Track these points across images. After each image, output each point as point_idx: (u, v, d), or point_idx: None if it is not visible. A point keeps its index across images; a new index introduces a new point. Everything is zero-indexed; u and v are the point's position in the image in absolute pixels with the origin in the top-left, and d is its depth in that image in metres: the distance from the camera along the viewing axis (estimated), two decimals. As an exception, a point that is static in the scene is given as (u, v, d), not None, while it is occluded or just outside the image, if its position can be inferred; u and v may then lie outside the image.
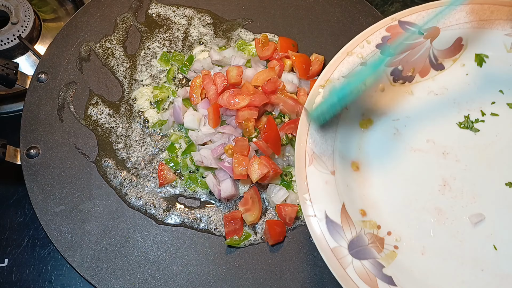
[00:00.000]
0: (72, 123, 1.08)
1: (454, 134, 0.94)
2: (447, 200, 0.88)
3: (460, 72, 0.99)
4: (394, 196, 0.89)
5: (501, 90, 0.96)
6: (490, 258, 0.83)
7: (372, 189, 0.89)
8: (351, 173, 0.89)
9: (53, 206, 0.98)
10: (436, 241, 0.85)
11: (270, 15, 1.25)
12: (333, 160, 0.88)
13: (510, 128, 0.93)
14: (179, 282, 0.93)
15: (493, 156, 0.91)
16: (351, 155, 0.91)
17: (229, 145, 1.01)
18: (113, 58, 1.17)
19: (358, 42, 0.97)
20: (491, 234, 0.85)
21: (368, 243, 0.82)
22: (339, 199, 0.84)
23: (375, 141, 0.93)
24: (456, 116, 0.95)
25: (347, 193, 0.86)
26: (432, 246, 0.84)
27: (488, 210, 0.86)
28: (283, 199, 1.00)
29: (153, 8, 1.25)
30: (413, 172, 0.91)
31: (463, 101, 0.96)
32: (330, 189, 0.85)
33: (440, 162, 0.91)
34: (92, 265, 0.93)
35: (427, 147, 0.92)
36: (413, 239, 0.85)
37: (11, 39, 1.30)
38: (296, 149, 0.86)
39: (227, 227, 0.97)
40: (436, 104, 0.97)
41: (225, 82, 1.07)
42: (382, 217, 0.86)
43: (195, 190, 1.02)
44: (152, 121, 1.10)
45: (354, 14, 1.26)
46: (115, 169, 1.04)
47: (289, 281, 0.94)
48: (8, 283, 1.10)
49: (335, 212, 0.83)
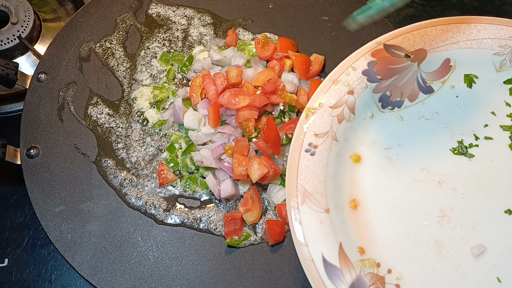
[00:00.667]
0: (72, 123, 1.08)
1: (449, 161, 0.91)
2: (447, 232, 0.85)
3: (450, 94, 0.96)
4: (392, 231, 0.85)
5: (493, 111, 0.94)
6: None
7: (369, 224, 0.86)
8: (346, 210, 0.86)
9: (53, 206, 0.98)
10: (438, 276, 0.81)
11: (270, 15, 1.25)
12: (326, 197, 0.84)
13: (505, 152, 0.91)
14: (179, 282, 0.93)
15: (490, 182, 0.88)
16: (344, 191, 0.88)
17: (229, 145, 1.01)
18: (113, 58, 1.17)
19: (344, 69, 0.94)
20: (493, 266, 0.81)
21: (369, 284, 0.78)
22: (336, 238, 0.81)
23: (368, 174, 0.90)
24: (449, 142, 0.93)
25: (343, 231, 0.83)
26: (435, 281, 0.81)
27: (489, 240, 0.83)
28: (283, 199, 1.00)
29: (153, 8, 1.25)
30: (409, 204, 0.87)
31: (455, 125, 0.94)
32: (325, 228, 0.81)
33: (437, 191, 0.88)
34: (92, 265, 0.93)
35: (422, 176, 0.90)
36: (414, 275, 0.81)
37: (11, 39, 1.30)
38: (287, 187, 0.83)
39: (227, 227, 0.97)
40: (427, 129, 0.94)
41: (225, 82, 1.07)
42: (381, 253, 0.83)
43: (195, 190, 1.02)
44: (152, 121, 1.10)
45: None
46: (115, 169, 1.04)
47: (289, 281, 0.94)
48: (8, 283, 1.10)
49: (333, 254, 0.79)
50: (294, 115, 1.07)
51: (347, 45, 1.21)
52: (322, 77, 1.17)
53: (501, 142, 0.92)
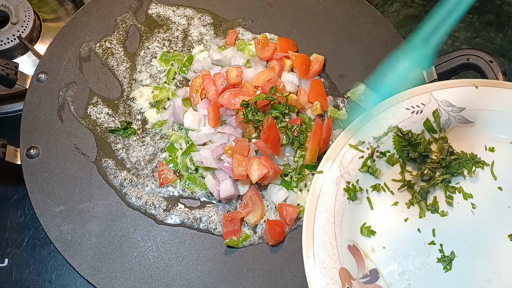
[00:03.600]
0: (72, 123, 1.08)
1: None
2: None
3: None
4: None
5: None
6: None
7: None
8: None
9: (53, 206, 0.98)
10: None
11: (270, 15, 1.25)
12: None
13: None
14: (179, 282, 0.93)
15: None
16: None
17: (229, 146, 1.01)
18: (113, 58, 1.17)
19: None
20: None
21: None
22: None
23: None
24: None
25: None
26: None
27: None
28: (283, 199, 1.00)
29: (153, 8, 1.25)
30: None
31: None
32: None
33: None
34: (92, 265, 0.93)
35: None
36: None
37: (11, 39, 1.31)
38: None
39: (226, 228, 0.97)
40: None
41: (225, 83, 1.07)
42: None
43: (194, 190, 1.02)
44: (152, 121, 1.10)
45: (354, 14, 1.26)
46: (115, 169, 1.04)
47: (289, 281, 0.94)
48: (8, 283, 1.10)
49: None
50: (294, 115, 1.07)
51: (347, 45, 1.21)
52: (322, 77, 1.17)
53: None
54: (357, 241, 0.93)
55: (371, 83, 1.02)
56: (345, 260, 0.89)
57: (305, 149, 1.03)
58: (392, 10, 1.61)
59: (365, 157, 0.98)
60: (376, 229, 0.95)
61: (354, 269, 0.90)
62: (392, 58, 0.93)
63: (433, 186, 0.98)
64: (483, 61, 1.10)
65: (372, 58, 1.19)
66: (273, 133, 1.00)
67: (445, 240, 0.93)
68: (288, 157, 1.05)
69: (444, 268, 0.91)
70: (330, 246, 0.89)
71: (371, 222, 0.95)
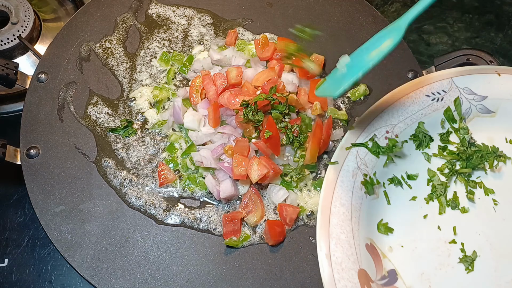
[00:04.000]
0: (72, 123, 1.08)
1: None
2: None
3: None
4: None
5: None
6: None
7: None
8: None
9: (53, 206, 0.98)
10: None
11: (270, 15, 1.25)
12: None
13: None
14: (179, 282, 0.93)
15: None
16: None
17: (229, 146, 1.01)
18: (113, 58, 1.17)
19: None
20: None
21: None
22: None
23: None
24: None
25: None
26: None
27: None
28: (283, 199, 1.00)
29: (153, 8, 1.25)
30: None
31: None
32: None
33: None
34: (92, 265, 0.93)
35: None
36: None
37: (11, 39, 1.31)
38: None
39: (226, 227, 0.97)
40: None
41: (225, 83, 1.07)
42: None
43: (194, 190, 1.02)
44: (152, 121, 1.10)
45: (354, 14, 1.26)
46: (115, 169, 1.04)
47: (289, 281, 0.94)
48: (8, 283, 1.10)
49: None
50: (294, 115, 1.07)
51: (347, 45, 1.21)
52: (322, 77, 1.17)
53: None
54: (374, 239, 0.88)
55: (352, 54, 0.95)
56: (363, 260, 0.83)
57: (305, 149, 1.03)
58: (392, 10, 1.61)
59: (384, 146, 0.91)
60: (394, 226, 0.89)
61: (372, 270, 0.84)
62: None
63: (452, 179, 0.93)
64: (483, 61, 1.10)
65: (372, 58, 1.19)
66: (273, 133, 1.00)
67: (467, 239, 0.88)
68: (288, 157, 1.05)
69: (466, 269, 0.86)
70: (347, 245, 0.83)
71: (388, 218, 0.89)
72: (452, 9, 1.61)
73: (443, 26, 1.58)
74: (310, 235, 0.99)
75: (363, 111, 1.07)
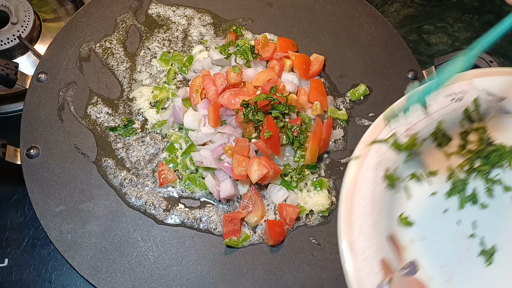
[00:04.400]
0: (72, 123, 1.08)
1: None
2: None
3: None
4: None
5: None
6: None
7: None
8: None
9: (53, 206, 0.98)
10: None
11: (270, 15, 1.25)
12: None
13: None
14: (179, 282, 0.93)
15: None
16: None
17: (229, 146, 1.01)
18: (113, 58, 1.17)
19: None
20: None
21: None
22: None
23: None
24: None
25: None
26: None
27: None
28: (283, 199, 1.00)
29: (153, 8, 1.25)
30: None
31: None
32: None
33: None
34: (92, 265, 0.93)
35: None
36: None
37: (11, 39, 1.30)
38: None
39: (226, 227, 0.97)
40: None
41: (225, 83, 1.07)
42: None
43: (194, 190, 1.02)
44: (152, 121, 1.10)
45: (354, 14, 1.26)
46: (115, 169, 1.04)
47: (289, 281, 0.94)
48: (8, 283, 1.10)
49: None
50: (294, 115, 1.07)
51: (347, 45, 1.21)
52: (322, 77, 1.17)
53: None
54: (394, 231, 0.90)
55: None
56: (385, 251, 0.86)
57: (305, 149, 1.03)
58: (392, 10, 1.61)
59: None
60: (414, 220, 0.92)
61: (392, 261, 0.87)
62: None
63: (472, 176, 0.95)
64: (483, 61, 1.10)
65: (372, 58, 1.20)
66: (273, 133, 1.00)
67: (486, 234, 0.91)
68: (288, 157, 1.05)
69: (485, 261, 0.89)
70: (369, 236, 0.85)
71: (409, 212, 0.92)
72: (452, 9, 1.61)
73: (443, 26, 1.58)
74: (310, 235, 0.99)
75: (363, 111, 1.08)
